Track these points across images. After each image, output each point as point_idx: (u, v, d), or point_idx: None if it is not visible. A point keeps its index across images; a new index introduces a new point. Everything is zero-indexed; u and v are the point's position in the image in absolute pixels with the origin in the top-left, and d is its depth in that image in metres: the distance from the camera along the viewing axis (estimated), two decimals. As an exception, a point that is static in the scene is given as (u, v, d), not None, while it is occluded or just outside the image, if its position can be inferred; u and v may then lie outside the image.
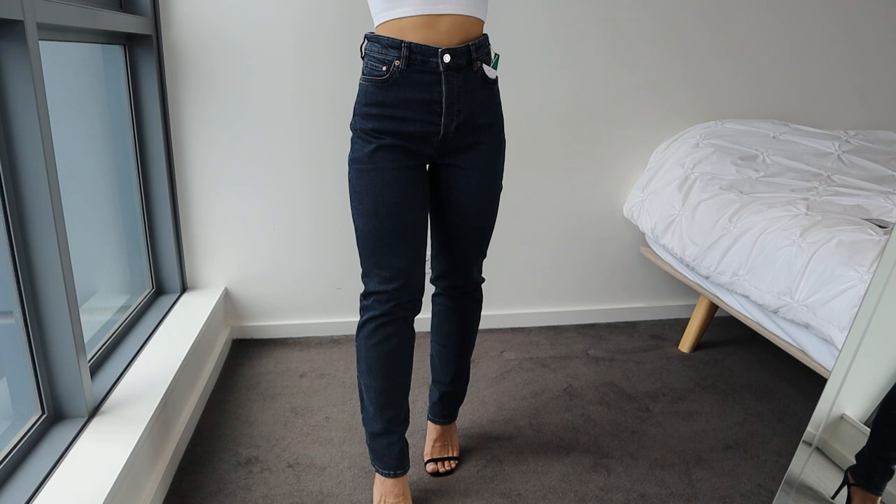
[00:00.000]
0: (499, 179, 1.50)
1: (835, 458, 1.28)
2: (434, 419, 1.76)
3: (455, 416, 1.77)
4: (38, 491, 1.23)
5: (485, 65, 1.39)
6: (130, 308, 2.05)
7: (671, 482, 1.68)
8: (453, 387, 1.72)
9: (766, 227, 1.78)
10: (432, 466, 1.71)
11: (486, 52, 1.41)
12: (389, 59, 1.31)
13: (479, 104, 1.40)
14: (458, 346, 1.68)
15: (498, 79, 1.51)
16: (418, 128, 1.34)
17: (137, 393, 1.61)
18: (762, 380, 2.21)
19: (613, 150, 2.50)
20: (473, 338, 1.71)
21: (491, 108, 1.43)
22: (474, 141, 1.41)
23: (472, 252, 1.55)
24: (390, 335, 1.44)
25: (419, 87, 1.32)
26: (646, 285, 2.69)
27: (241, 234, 2.37)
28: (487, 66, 1.40)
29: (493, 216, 1.54)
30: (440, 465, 1.71)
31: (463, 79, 1.35)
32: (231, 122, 2.24)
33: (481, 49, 1.39)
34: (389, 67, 1.31)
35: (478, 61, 1.38)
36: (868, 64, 2.58)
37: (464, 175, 1.44)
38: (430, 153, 1.39)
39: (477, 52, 1.37)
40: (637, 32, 2.38)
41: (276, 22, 2.17)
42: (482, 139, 1.42)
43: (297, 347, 2.43)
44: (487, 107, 1.42)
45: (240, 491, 1.63)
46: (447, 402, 1.74)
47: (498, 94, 1.46)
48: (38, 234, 1.34)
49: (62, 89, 1.71)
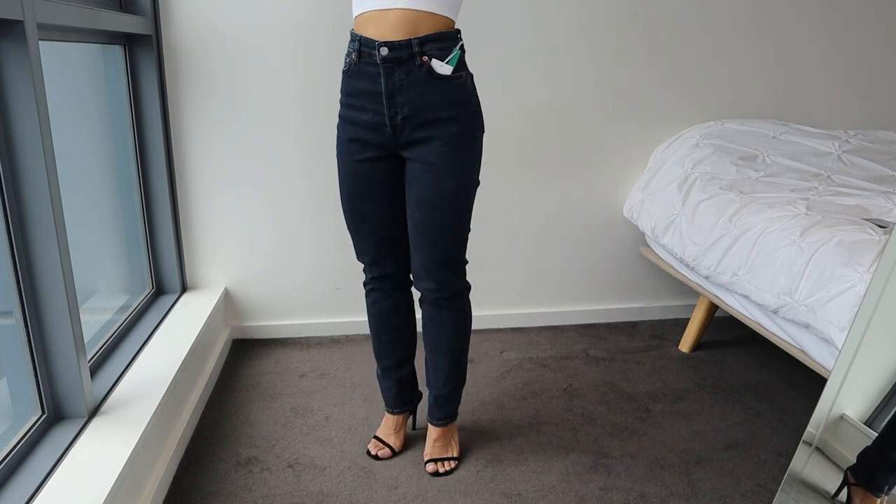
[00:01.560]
0: (457, 177, 1.47)
1: (835, 458, 1.28)
2: (432, 421, 1.76)
3: (453, 418, 1.77)
4: (38, 491, 1.23)
5: (435, 60, 1.40)
6: (130, 308, 2.05)
7: (671, 482, 1.68)
8: (444, 391, 1.72)
9: (766, 227, 1.78)
10: (432, 466, 1.71)
11: (438, 48, 1.40)
12: (350, 52, 1.46)
13: (427, 99, 1.42)
14: (443, 353, 1.68)
15: (464, 74, 1.44)
16: (370, 117, 1.46)
17: (137, 393, 1.61)
18: (762, 380, 2.21)
19: (613, 149, 2.50)
20: (461, 347, 1.69)
21: (446, 104, 1.43)
22: (426, 135, 1.45)
23: (435, 250, 1.54)
24: (376, 300, 1.71)
25: (367, 78, 1.44)
26: (646, 285, 2.69)
27: (241, 234, 2.37)
28: (438, 62, 1.40)
29: (452, 214, 1.51)
30: (440, 465, 1.71)
31: (405, 72, 1.41)
32: (231, 121, 2.24)
33: (429, 44, 1.39)
34: (350, 59, 1.46)
35: (423, 56, 1.39)
36: (868, 64, 2.58)
37: (418, 169, 1.48)
38: (386, 144, 1.48)
39: (421, 46, 1.39)
40: (637, 32, 2.37)
41: (276, 22, 2.17)
42: (435, 134, 1.44)
43: (297, 347, 2.43)
44: (440, 102, 1.42)
45: (240, 491, 1.63)
46: (440, 405, 1.74)
47: (460, 89, 1.44)
48: (38, 234, 1.34)
49: (62, 89, 1.71)
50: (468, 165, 1.49)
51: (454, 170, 1.47)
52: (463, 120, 1.45)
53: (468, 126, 1.46)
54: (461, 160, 1.47)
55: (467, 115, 1.45)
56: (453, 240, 1.55)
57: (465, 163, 1.48)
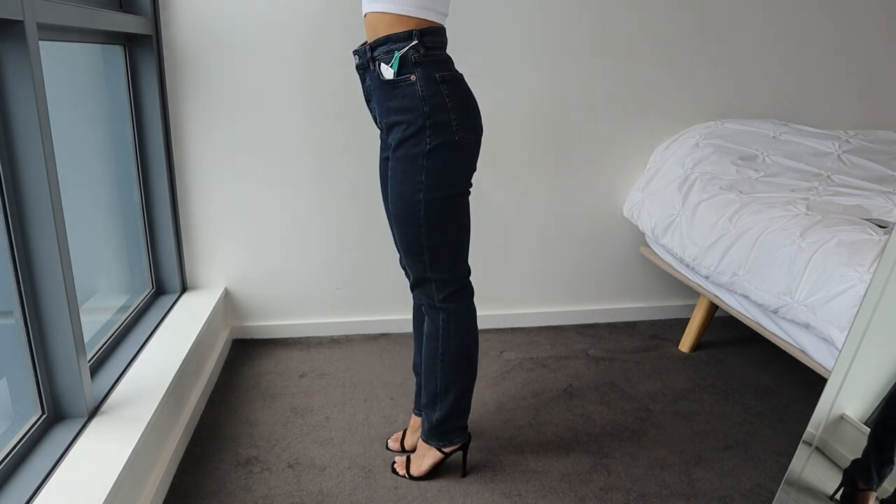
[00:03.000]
0: (404, 185, 1.38)
1: (835, 458, 1.28)
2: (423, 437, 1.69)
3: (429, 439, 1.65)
4: (38, 491, 1.23)
5: (382, 64, 1.35)
6: (130, 308, 2.05)
7: (671, 482, 1.68)
8: (425, 400, 1.62)
9: (766, 227, 1.78)
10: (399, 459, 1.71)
11: (385, 51, 1.34)
12: None
13: (382, 104, 1.41)
14: (425, 363, 1.59)
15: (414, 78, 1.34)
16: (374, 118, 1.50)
17: (137, 393, 1.61)
18: (762, 380, 2.21)
19: (613, 149, 2.50)
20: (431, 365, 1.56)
21: (394, 110, 1.36)
22: (391, 140, 1.42)
23: (407, 259, 1.49)
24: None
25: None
26: (646, 285, 2.69)
27: (241, 234, 2.37)
28: (385, 66, 1.35)
29: (404, 222, 1.42)
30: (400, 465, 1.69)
31: (370, 77, 1.42)
32: (231, 121, 2.24)
33: (378, 48, 1.35)
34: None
35: (375, 61, 1.36)
36: (868, 64, 2.58)
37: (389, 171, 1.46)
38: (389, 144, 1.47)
39: (373, 51, 1.36)
40: (637, 32, 2.37)
41: (276, 21, 2.17)
42: (391, 140, 1.41)
43: (297, 347, 2.43)
44: (389, 108, 1.38)
45: (240, 491, 1.63)
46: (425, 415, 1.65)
47: (408, 94, 1.34)
48: (38, 234, 1.34)
49: (62, 89, 1.71)
50: (416, 177, 1.37)
51: (402, 181, 1.38)
52: (412, 128, 1.35)
53: (418, 134, 1.35)
54: (407, 171, 1.37)
55: (418, 122, 1.34)
56: (415, 258, 1.46)
57: (412, 174, 1.37)
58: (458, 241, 1.47)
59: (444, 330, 1.53)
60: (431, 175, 1.37)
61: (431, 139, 1.35)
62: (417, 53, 1.33)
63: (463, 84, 1.40)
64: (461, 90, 1.39)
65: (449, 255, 1.46)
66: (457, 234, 1.46)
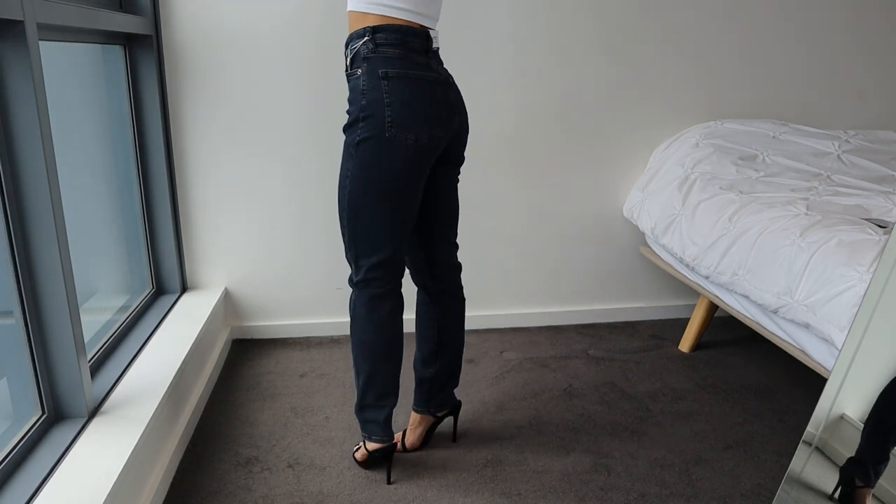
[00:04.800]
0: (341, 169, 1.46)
1: (835, 457, 1.28)
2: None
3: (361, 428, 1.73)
4: (38, 491, 1.23)
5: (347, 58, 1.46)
6: (130, 308, 2.05)
7: (671, 482, 1.68)
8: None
9: (766, 226, 1.78)
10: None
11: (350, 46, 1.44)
12: None
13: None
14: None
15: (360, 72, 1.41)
16: None
17: (138, 393, 1.61)
18: (762, 380, 2.21)
19: (613, 150, 2.50)
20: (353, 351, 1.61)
21: (348, 100, 1.45)
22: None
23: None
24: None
25: None
26: (646, 285, 2.69)
27: (241, 233, 2.37)
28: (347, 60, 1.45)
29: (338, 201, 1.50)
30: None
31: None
32: (231, 121, 2.24)
33: (349, 43, 1.44)
34: None
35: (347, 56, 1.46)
36: (868, 64, 2.58)
37: None
38: None
39: (345, 48, 1.45)
40: (637, 32, 2.38)
41: (276, 21, 2.17)
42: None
43: (297, 347, 2.43)
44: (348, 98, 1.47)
45: (240, 491, 1.63)
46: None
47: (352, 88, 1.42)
48: (38, 234, 1.34)
49: (62, 89, 1.71)
50: (346, 164, 1.45)
51: (341, 165, 1.47)
52: (350, 118, 1.42)
53: (354, 125, 1.42)
54: (343, 157, 1.46)
55: (354, 113, 1.41)
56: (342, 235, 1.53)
57: (345, 160, 1.45)
58: (373, 236, 1.48)
59: (350, 310, 1.58)
60: (356, 166, 1.43)
61: (362, 131, 1.40)
62: (366, 49, 1.40)
63: (411, 83, 1.40)
64: (405, 89, 1.39)
65: (362, 245, 1.50)
66: (373, 230, 1.47)
